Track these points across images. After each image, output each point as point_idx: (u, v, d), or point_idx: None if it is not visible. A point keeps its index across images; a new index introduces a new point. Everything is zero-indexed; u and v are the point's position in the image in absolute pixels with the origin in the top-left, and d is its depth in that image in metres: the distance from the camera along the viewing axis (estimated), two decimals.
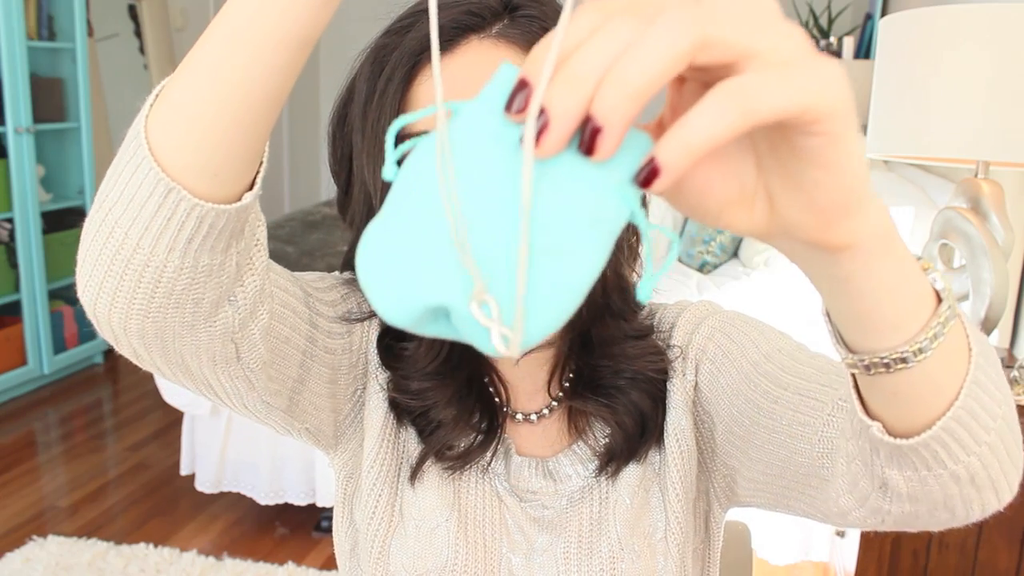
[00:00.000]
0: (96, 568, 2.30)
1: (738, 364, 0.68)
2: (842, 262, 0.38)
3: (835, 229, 0.36)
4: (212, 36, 0.45)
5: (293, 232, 3.31)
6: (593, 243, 0.33)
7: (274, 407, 0.66)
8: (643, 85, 0.30)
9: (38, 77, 3.59)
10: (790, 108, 0.31)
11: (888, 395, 0.45)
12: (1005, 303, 1.42)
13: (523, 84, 0.32)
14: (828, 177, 0.34)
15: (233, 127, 0.46)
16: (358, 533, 0.76)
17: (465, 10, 0.66)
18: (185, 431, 2.53)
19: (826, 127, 0.32)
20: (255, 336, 0.58)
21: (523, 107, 0.32)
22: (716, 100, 0.30)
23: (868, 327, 0.42)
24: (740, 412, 0.67)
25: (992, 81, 1.34)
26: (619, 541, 0.71)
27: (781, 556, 2.22)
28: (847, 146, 0.33)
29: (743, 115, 0.30)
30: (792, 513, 0.66)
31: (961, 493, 0.48)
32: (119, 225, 0.48)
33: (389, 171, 0.35)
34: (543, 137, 0.31)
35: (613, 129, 0.31)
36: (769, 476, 0.65)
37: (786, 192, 0.35)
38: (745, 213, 0.37)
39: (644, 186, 0.32)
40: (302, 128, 5.73)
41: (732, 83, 0.30)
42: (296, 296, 0.65)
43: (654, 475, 0.73)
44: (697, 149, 0.30)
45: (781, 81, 0.30)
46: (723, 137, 0.30)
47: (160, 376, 0.58)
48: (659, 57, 0.30)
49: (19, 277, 3.51)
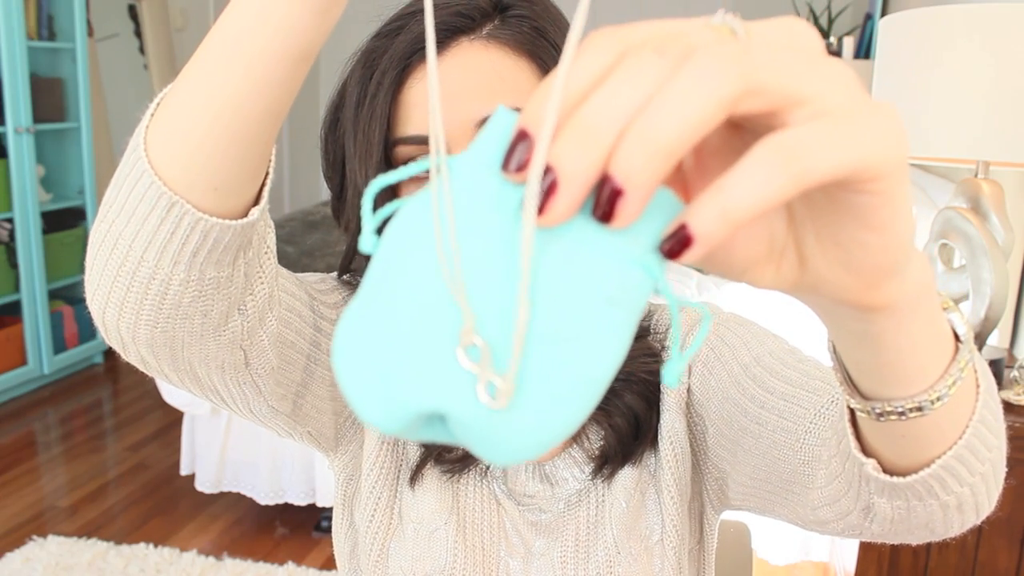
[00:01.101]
0: (96, 568, 2.30)
1: (728, 367, 0.68)
2: (876, 320, 0.34)
3: (876, 291, 0.32)
4: (208, 48, 0.44)
5: (293, 232, 3.31)
6: (613, 325, 0.27)
7: (279, 412, 0.65)
8: (678, 141, 0.25)
9: (38, 77, 3.59)
10: (846, 166, 0.26)
11: (895, 438, 0.43)
12: (1005, 303, 1.42)
13: (523, 135, 0.26)
14: (876, 239, 0.29)
15: (231, 141, 0.45)
16: (357, 535, 0.76)
17: (454, 11, 0.65)
18: (185, 431, 2.53)
19: (881, 186, 0.27)
20: (264, 342, 0.57)
21: (523, 165, 0.26)
22: (763, 160, 0.25)
23: (889, 378, 0.38)
24: (729, 415, 0.67)
25: (992, 81, 1.34)
26: (615, 544, 0.71)
27: (781, 556, 2.22)
28: (901, 204, 0.29)
29: (794, 178, 0.25)
30: (778, 519, 0.66)
31: (945, 517, 0.48)
32: (123, 237, 0.48)
33: (367, 242, 0.29)
34: (549, 202, 0.26)
35: (638, 193, 0.25)
36: (757, 481, 0.65)
37: (823, 251, 0.31)
38: (771, 270, 0.32)
39: (672, 257, 0.27)
40: (302, 128, 5.73)
41: (780, 139, 0.26)
42: (301, 300, 0.64)
43: (649, 477, 0.73)
44: (739, 218, 0.25)
45: (835, 135, 0.26)
46: (770, 204, 0.26)
47: (166, 382, 0.58)
48: (697, 107, 0.25)
49: (19, 277, 3.51)
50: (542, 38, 0.67)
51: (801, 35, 0.28)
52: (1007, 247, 1.45)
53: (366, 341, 0.28)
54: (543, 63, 0.67)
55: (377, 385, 0.28)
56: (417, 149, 0.66)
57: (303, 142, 5.77)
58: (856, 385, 0.41)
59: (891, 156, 0.27)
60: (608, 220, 0.26)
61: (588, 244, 0.27)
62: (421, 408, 0.27)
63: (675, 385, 0.29)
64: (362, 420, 0.29)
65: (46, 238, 3.61)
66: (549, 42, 0.67)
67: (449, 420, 0.28)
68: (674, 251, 0.27)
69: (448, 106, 0.64)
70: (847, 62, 3.74)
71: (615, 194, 0.26)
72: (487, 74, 0.64)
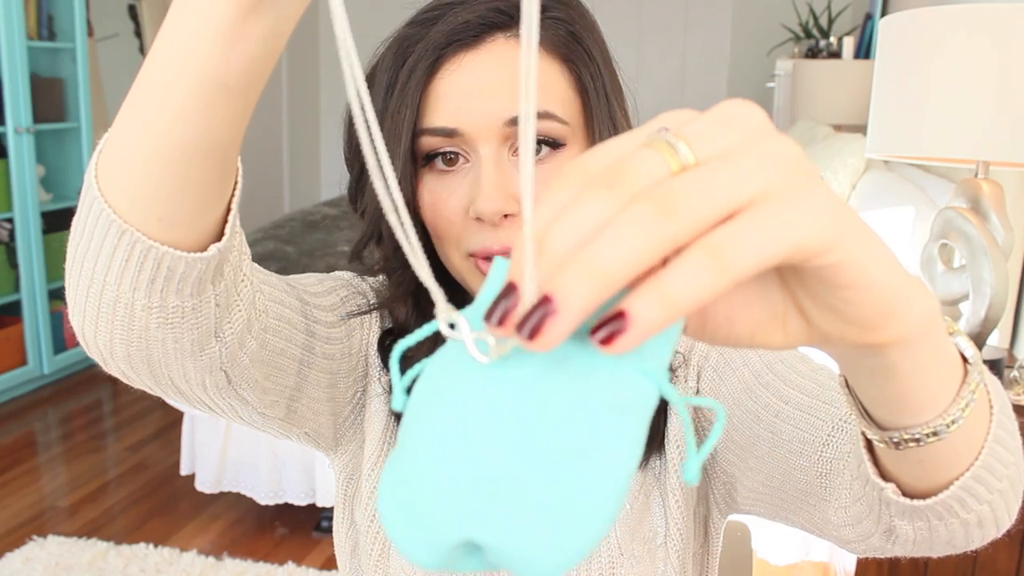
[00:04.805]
0: (96, 568, 2.30)
1: (740, 373, 0.68)
2: (888, 354, 0.35)
3: (881, 332, 0.32)
4: (139, 76, 0.44)
5: (293, 232, 3.31)
6: (621, 431, 0.29)
7: (271, 417, 0.65)
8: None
9: (38, 77, 3.59)
10: (776, 253, 0.27)
11: (913, 463, 0.43)
12: (1005, 303, 1.42)
13: (511, 289, 0.28)
14: (856, 295, 0.30)
15: (163, 172, 0.44)
16: (359, 534, 0.76)
17: (493, 7, 0.65)
18: (185, 431, 2.53)
19: (831, 258, 0.29)
20: (245, 362, 0.57)
21: (504, 319, 0.28)
22: (690, 259, 0.27)
23: (904, 408, 0.39)
24: (740, 422, 0.66)
25: (992, 81, 1.34)
26: (619, 546, 0.71)
27: (781, 556, 2.22)
28: (865, 264, 0.30)
29: (721, 273, 0.27)
30: (791, 526, 0.66)
31: (967, 534, 0.48)
32: (87, 259, 0.47)
33: (399, 401, 0.32)
34: (543, 330, 0.27)
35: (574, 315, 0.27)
36: (769, 488, 0.65)
37: (818, 311, 0.32)
38: (779, 332, 0.33)
39: (606, 343, 0.27)
40: (302, 128, 5.73)
41: (708, 238, 0.27)
42: (291, 307, 0.63)
43: (655, 480, 0.73)
44: (678, 308, 0.27)
45: (763, 225, 0.27)
46: (703, 299, 0.27)
47: (153, 394, 0.58)
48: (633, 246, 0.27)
49: (19, 277, 3.51)
50: (577, 44, 0.67)
51: (739, 118, 0.30)
52: (1007, 247, 1.45)
53: (402, 484, 0.31)
54: (576, 68, 0.66)
55: (414, 520, 0.30)
56: (442, 140, 0.65)
57: (303, 143, 5.77)
58: (871, 417, 0.42)
59: (827, 233, 0.28)
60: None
61: (584, 364, 0.29)
62: (454, 536, 0.30)
63: (695, 482, 0.30)
64: (404, 555, 0.31)
65: (46, 238, 3.61)
66: (583, 48, 0.67)
67: (484, 548, 0.30)
68: (609, 337, 0.27)
69: (479, 101, 0.64)
70: (847, 62, 3.74)
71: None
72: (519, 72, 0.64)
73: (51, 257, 3.63)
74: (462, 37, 0.65)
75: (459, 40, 0.65)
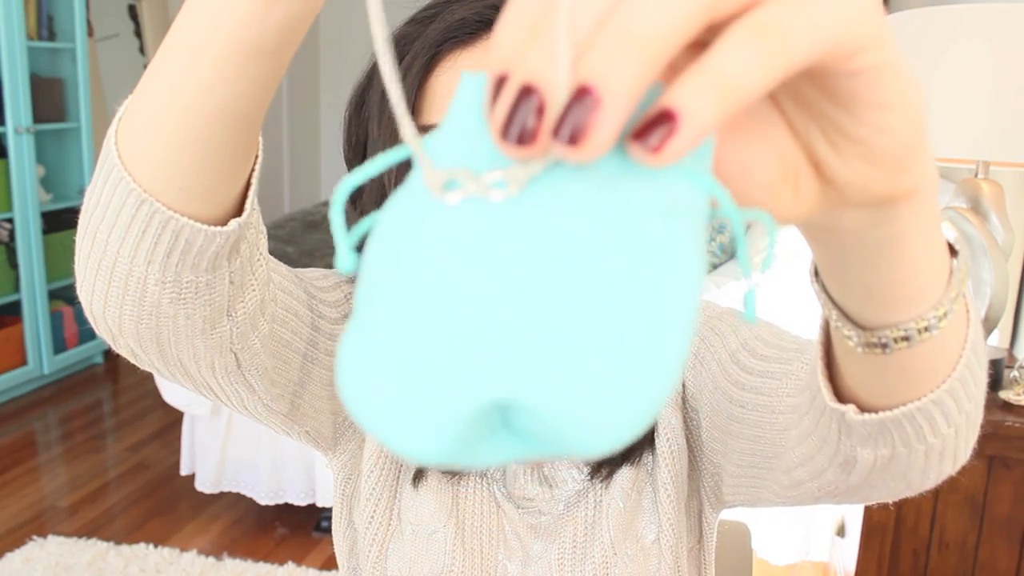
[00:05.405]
0: (96, 568, 2.30)
1: (717, 355, 0.68)
2: (900, 216, 0.32)
3: (906, 175, 0.29)
4: (165, 42, 0.43)
5: (293, 232, 3.32)
6: (678, 237, 0.23)
7: (275, 411, 0.65)
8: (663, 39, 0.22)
9: (38, 77, 3.59)
10: (824, 43, 0.24)
11: (890, 373, 0.40)
12: (1005, 303, 1.42)
13: (527, 91, 0.23)
14: (893, 116, 0.27)
15: (188, 140, 0.43)
16: (356, 534, 0.76)
17: (490, 4, 0.65)
18: (185, 431, 2.53)
19: (871, 58, 0.25)
20: (256, 346, 0.57)
21: (531, 135, 0.22)
22: (743, 40, 0.23)
23: (899, 296, 0.37)
24: (719, 404, 0.66)
25: (992, 81, 1.34)
26: (612, 546, 0.71)
27: (781, 556, 2.22)
28: (902, 71, 0.26)
29: (781, 58, 0.23)
30: (766, 504, 0.65)
31: (926, 464, 0.46)
32: (100, 231, 0.47)
33: (346, 260, 0.25)
34: (591, 126, 0.22)
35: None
36: (743, 467, 0.65)
37: (839, 153, 0.29)
38: (790, 194, 0.30)
39: (656, 151, 0.23)
40: (302, 128, 5.73)
41: (754, 20, 0.23)
42: (299, 299, 0.64)
43: (647, 476, 0.73)
44: (734, 99, 0.23)
45: (804, 12, 0.24)
46: (759, 88, 0.23)
47: (160, 376, 0.58)
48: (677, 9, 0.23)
49: (19, 277, 3.51)
50: None
51: None
52: (1007, 247, 1.45)
53: (379, 365, 0.24)
54: None
55: (410, 399, 0.23)
56: None
57: (303, 143, 5.77)
58: (856, 320, 0.39)
59: (871, 24, 0.25)
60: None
61: (610, 177, 0.24)
62: (479, 401, 0.22)
63: (754, 319, 0.26)
64: (400, 454, 0.24)
65: (46, 238, 3.61)
66: None
67: (517, 410, 0.23)
68: (657, 144, 0.23)
69: None
70: None
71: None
72: None
73: (51, 257, 3.63)
74: (458, 35, 0.65)
75: (455, 38, 0.65)
